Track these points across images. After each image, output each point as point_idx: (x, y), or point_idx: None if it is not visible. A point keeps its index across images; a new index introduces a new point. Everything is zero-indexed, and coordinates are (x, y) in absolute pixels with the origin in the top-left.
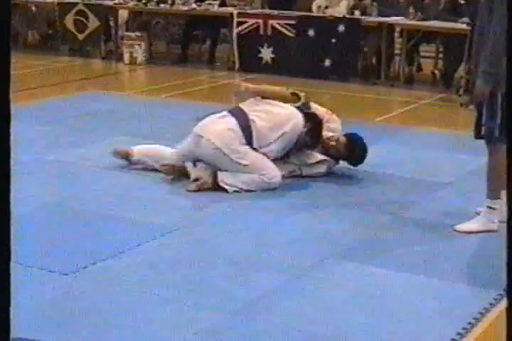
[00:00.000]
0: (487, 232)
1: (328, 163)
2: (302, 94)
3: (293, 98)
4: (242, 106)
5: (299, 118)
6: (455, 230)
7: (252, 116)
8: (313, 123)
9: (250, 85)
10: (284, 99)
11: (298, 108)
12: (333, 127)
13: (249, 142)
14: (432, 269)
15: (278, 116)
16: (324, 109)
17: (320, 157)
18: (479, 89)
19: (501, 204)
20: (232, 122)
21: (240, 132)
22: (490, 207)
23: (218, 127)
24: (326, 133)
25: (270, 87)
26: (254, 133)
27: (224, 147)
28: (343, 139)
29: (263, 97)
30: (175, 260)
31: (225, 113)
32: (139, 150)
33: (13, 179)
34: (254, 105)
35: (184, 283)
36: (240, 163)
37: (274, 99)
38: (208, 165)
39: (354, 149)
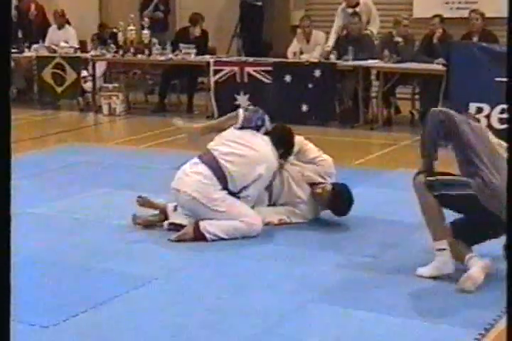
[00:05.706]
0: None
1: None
2: (241, 111)
3: (235, 118)
4: (213, 151)
5: (272, 156)
6: (418, 275)
7: (222, 161)
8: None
9: (198, 125)
10: (230, 123)
11: (266, 133)
12: (329, 172)
13: (225, 187)
14: (412, 310)
15: (250, 159)
16: (302, 138)
17: (309, 192)
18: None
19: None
20: (204, 169)
21: (214, 178)
22: (439, 249)
23: (193, 178)
24: (316, 178)
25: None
26: (228, 178)
27: (200, 197)
28: (329, 188)
29: (216, 130)
30: (155, 309)
31: (196, 160)
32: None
33: None
34: (224, 146)
35: (164, 332)
36: (217, 211)
37: (222, 128)
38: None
39: (337, 201)
